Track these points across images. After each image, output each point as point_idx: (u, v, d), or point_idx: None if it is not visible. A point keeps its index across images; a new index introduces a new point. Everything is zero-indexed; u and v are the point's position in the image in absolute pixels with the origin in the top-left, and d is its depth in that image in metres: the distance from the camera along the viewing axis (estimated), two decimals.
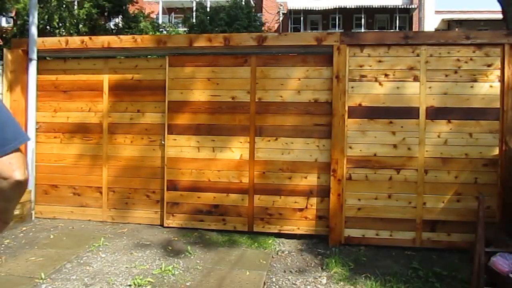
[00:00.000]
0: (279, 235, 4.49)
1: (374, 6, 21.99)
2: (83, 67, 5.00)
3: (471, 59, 4.16)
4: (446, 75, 4.19)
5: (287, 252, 4.09)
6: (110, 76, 4.90)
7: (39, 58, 4.92)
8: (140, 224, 4.82)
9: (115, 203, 4.91)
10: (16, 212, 4.59)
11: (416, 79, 4.23)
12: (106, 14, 9.73)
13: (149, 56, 5.34)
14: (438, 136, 4.19)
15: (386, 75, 4.27)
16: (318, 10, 22.84)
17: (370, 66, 4.29)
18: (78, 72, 4.98)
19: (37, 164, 4.98)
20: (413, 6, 22.51)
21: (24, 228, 4.49)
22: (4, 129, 1.02)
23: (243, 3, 13.79)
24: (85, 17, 8.80)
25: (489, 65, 4.14)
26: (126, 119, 4.86)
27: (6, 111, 1.06)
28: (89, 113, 4.94)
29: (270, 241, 4.30)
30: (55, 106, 5.01)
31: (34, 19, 4.83)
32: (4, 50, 5.09)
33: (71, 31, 8.51)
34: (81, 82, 4.95)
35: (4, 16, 10.20)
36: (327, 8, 22.30)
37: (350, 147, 4.31)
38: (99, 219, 4.92)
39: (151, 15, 12.42)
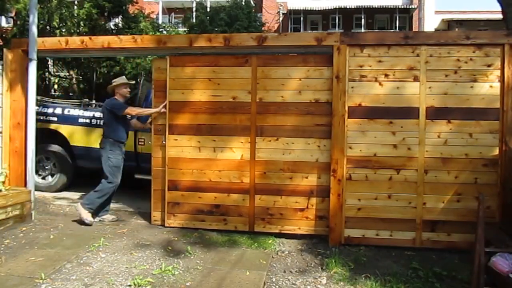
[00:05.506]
0: (279, 235, 4.49)
1: (374, 6, 22.00)
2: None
3: (471, 59, 4.16)
4: (446, 75, 4.19)
5: (287, 252, 4.09)
6: None
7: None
8: (140, 224, 4.82)
9: None
10: (16, 212, 4.60)
11: (416, 79, 4.23)
12: (106, 14, 9.73)
13: (149, 56, 5.34)
14: (438, 136, 4.19)
15: (386, 75, 4.27)
16: (318, 10, 22.85)
17: (370, 66, 4.29)
18: None
19: None
20: (413, 6, 22.52)
21: (24, 228, 4.48)
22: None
23: (243, 3, 13.77)
24: (85, 17, 8.80)
25: (489, 65, 4.14)
26: None
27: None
28: None
29: (270, 241, 4.30)
30: None
31: (34, 19, 4.82)
32: (4, 50, 5.09)
33: (71, 31, 8.52)
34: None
35: (4, 16, 10.20)
36: (327, 8, 22.31)
37: (350, 147, 4.31)
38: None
39: (151, 15, 12.42)
